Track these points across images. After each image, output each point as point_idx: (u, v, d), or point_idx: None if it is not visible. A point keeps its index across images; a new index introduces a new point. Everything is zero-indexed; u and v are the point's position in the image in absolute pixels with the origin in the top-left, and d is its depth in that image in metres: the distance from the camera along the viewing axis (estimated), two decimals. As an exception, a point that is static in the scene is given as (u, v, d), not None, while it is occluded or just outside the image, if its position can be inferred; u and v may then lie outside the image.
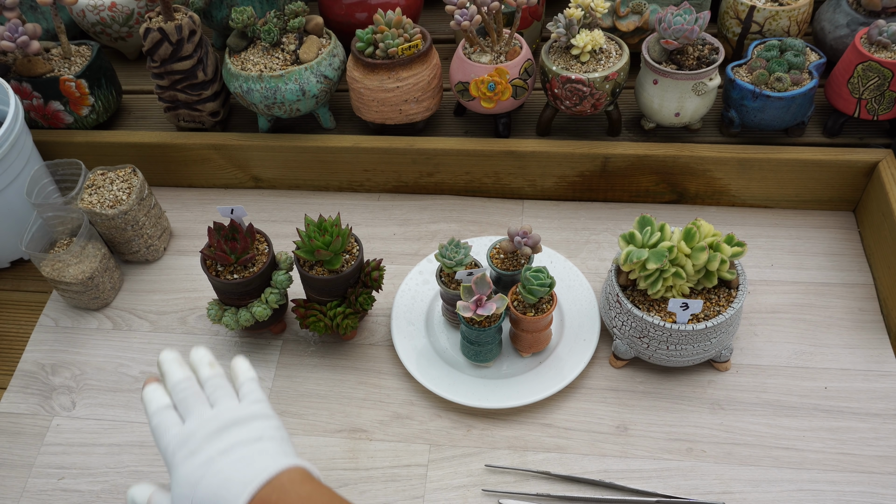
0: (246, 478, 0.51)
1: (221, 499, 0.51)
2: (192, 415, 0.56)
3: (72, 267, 0.92)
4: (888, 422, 0.81)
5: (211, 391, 0.58)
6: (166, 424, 0.56)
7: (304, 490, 0.51)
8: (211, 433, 0.54)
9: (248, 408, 0.57)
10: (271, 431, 0.56)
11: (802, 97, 0.93)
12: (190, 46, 1.00)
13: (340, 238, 0.81)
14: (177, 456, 0.54)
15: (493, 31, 0.95)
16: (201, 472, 0.52)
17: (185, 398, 0.57)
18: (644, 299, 0.80)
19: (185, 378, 0.59)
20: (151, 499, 0.56)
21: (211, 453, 0.53)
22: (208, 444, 0.54)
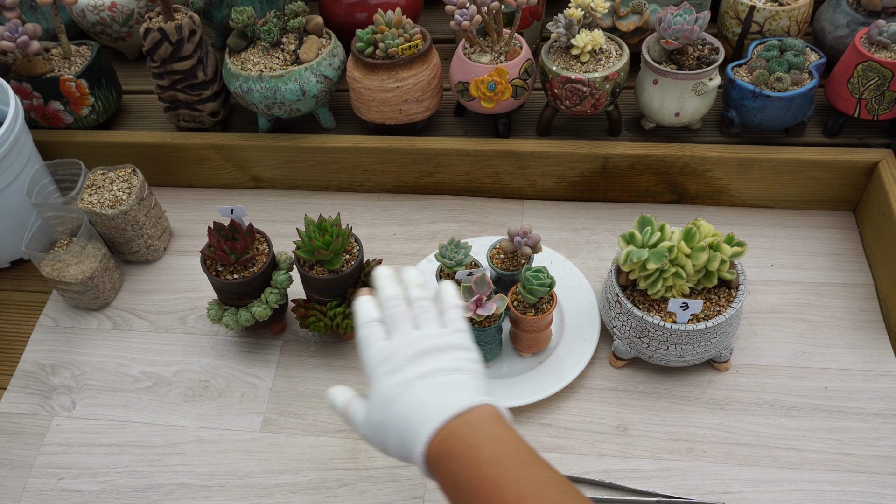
0: (439, 406, 0.52)
1: (413, 420, 0.52)
2: (397, 333, 0.58)
3: (72, 267, 0.92)
4: (888, 422, 0.81)
5: (417, 312, 0.59)
6: (372, 337, 0.58)
7: (493, 430, 0.51)
8: (412, 355, 0.56)
9: (450, 336, 0.58)
10: (469, 364, 0.56)
11: (802, 97, 0.93)
12: (190, 46, 1.00)
13: (340, 238, 0.81)
14: (377, 371, 0.56)
15: (493, 31, 0.95)
16: (398, 392, 0.54)
17: (392, 315, 0.59)
18: (644, 299, 0.80)
19: (395, 295, 0.60)
20: (349, 405, 0.58)
21: (409, 375, 0.54)
22: (409, 365, 0.55)
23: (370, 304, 0.61)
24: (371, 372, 0.57)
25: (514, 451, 0.51)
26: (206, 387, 0.89)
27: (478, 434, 0.51)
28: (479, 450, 0.50)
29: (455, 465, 0.50)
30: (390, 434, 0.54)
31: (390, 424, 0.54)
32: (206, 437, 0.84)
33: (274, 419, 0.85)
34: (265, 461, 0.82)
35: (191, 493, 0.80)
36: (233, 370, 0.90)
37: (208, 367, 0.91)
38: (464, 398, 0.53)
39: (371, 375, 0.57)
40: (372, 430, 0.56)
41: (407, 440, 0.53)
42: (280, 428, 0.84)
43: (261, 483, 0.80)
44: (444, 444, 0.51)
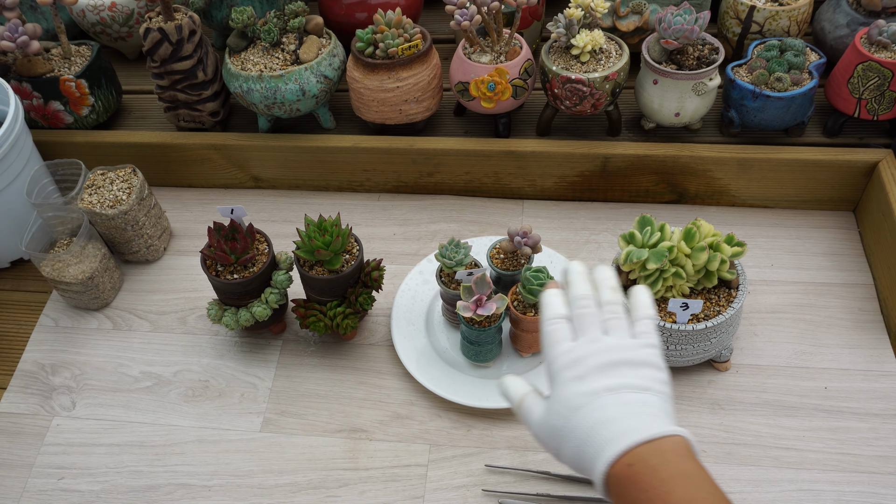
0: (627, 426, 0.50)
1: (597, 435, 0.50)
2: (585, 336, 0.55)
3: (72, 267, 0.92)
4: (888, 422, 0.81)
5: (608, 317, 0.57)
6: (558, 336, 0.56)
7: (686, 466, 0.48)
8: (601, 365, 0.53)
9: (642, 351, 0.55)
10: (659, 386, 0.54)
11: (802, 97, 0.93)
12: (190, 46, 1.00)
13: (340, 238, 0.81)
14: (563, 374, 0.54)
15: (493, 31, 0.95)
16: (584, 401, 0.52)
17: (582, 315, 0.56)
18: (644, 299, 0.80)
19: (586, 295, 0.57)
20: (525, 400, 0.57)
21: (597, 386, 0.52)
22: (597, 375, 0.53)
23: (558, 298, 0.58)
24: (555, 374, 0.55)
25: (708, 494, 0.47)
26: (206, 387, 0.89)
27: (670, 468, 0.48)
28: (671, 485, 0.47)
29: (642, 496, 0.47)
30: (569, 443, 0.52)
31: (570, 433, 0.52)
32: (206, 437, 0.84)
33: (274, 419, 0.85)
34: (265, 461, 0.82)
35: (191, 493, 0.80)
36: (233, 370, 0.90)
37: (208, 367, 0.91)
38: (656, 424, 0.50)
39: (555, 377, 0.55)
40: (548, 432, 0.54)
41: (587, 453, 0.51)
42: (280, 428, 0.85)
43: (261, 483, 0.80)
44: (631, 470, 0.48)
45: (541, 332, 0.57)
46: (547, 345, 0.56)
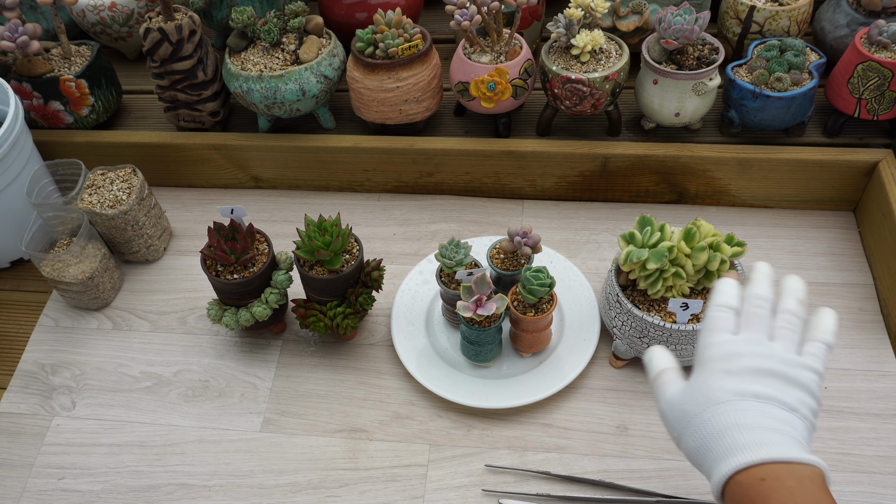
0: (767, 440, 0.48)
1: (731, 436, 0.48)
2: (750, 332, 0.53)
3: (72, 267, 0.92)
4: (888, 422, 0.81)
5: (781, 324, 0.54)
6: (720, 324, 0.54)
7: (822, 498, 0.48)
8: (756, 369, 0.51)
9: (803, 371, 0.53)
10: (808, 411, 0.52)
11: (802, 97, 0.93)
12: (190, 46, 1.00)
13: (340, 238, 0.81)
14: (714, 364, 0.52)
15: (493, 31, 0.95)
16: (726, 397, 0.50)
17: (753, 314, 0.54)
18: (644, 299, 0.80)
19: (765, 297, 0.56)
20: (665, 374, 0.55)
21: (745, 389, 0.50)
22: (749, 377, 0.51)
23: (733, 289, 0.56)
24: (705, 361, 0.52)
25: None
26: (206, 387, 0.89)
27: (806, 496, 0.47)
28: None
29: None
30: (696, 433, 0.50)
31: (701, 424, 0.50)
32: (206, 437, 0.84)
33: (274, 419, 0.85)
34: (265, 461, 0.82)
35: (191, 493, 0.80)
36: (233, 370, 0.90)
37: (208, 367, 0.91)
38: (797, 449, 0.48)
39: (703, 364, 0.52)
40: (677, 415, 0.52)
41: (714, 451, 0.49)
42: (280, 428, 0.85)
43: (261, 483, 0.80)
44: (763, 485, 0.47)
45: (704, 318, 0.55)
46: (706, 330, 0.54)
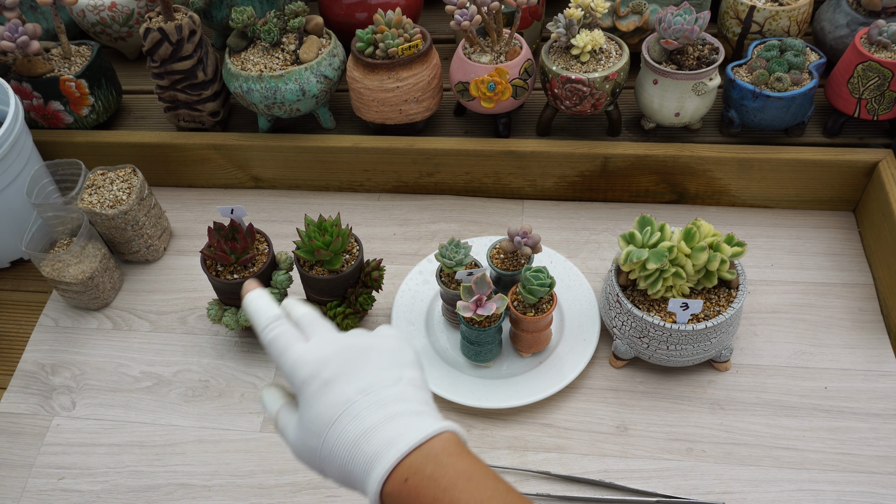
0: (391, 434, 0.45)
1: (360, 452, 0.45)
2: (316, 333, 0.49)
3: (72, 267, 0.92)
4: (888, 422, 0.81)
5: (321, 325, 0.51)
6: (287, 338, 0.49)
7: (462, 466, 0.44)
8: (346, 364, 0.48)
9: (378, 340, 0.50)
10: (410, 373, 0.49)
11: (802, 97, 0.93)
12: (190, 46, 1.00)
13: (340, 238, 0.81)
14: (309, 384, 0.47)
15: (493, 31, 0.95)
16: (336, 413, 0.46)
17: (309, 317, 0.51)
18: (644, 299, 0.80)
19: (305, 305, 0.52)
20: (279, 417, 0.50)
21: (348, 392, 0.46)
22: (344, 377, 0.47)
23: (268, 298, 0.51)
24: (299, 387, 0.48)
25: (494, 492, 0.44)
26: (206, 387, 0.89)
27: (448, 473, 0.44)
28: (454, 492, 0.43)
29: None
30: (331, 462, 0.47)
31: (330, 452, 0.46)
32: (206, 437, 0.84)
33: (274, 419, 0.85)
34: (265, 461, 0.82)
35: (191, 493, 0.80)
36: (233, 370, 0.90)
37: (208, 367, 0.91)
38: (419, 426, 0.45)
39: (300, 392, 0.48)
40: (307, 454, 0.48)
41: (354, 473, 0.45)
42: (280, 428, 0.84)
43: (261, 483, 0.80)
44: (408, 486, 0.44)
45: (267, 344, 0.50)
46: (277, 353, 0.49)
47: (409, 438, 0.45)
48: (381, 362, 0.48)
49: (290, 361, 0.48)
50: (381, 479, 0.44)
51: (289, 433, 0.49)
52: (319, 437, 0.47)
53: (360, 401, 0.46)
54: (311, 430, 0.47)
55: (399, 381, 0.48)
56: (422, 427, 0.45)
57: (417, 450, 0.44)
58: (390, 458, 0.44)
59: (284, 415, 0.50)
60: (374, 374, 0.48)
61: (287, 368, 0.48)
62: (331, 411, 0.46)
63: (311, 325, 0.51)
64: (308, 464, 0.49)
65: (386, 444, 0.45)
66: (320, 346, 0.49)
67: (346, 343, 0.49)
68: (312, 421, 0.47)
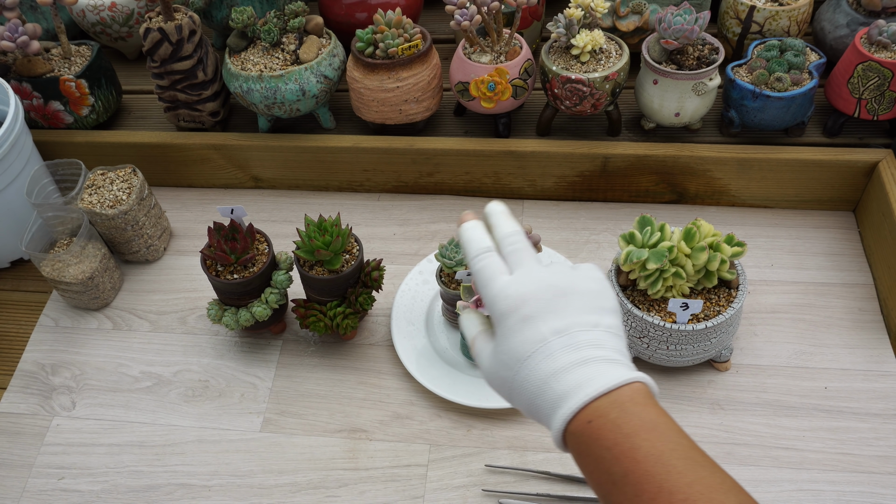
0: (581, 378, 0.46)
1: (550, 389, 0.46)
2: (523, 267, 0.50)
3: (72, 267, 0.92)
4: (888, 422, 0.81)
5: None
6: (492, 270, 0.50)
7: (648, 416, 0.45)
8: (547, 300, 0.48)
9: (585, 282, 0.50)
10: (609, 320, 0.49)
11: (802, 97, 0.93)
12: (190, 46, 1.00)
13: (340, 238, 0.81)
14: (508, 317, 0.48)
15: (493, 31, 0.95)
16: (531, 349, 0.47)
17: (515, 249, 0.51)
18: (644, 299, 0.80)
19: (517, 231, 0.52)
20: (476, 342, 0.52)
21: (543, 329, 0.47)
22: (543, 313, 0.48)
23: (482, 231, 0.52)
24: (500, 318, 0.49)
25: (676, 444, 0.45)
26: (206, 387, 0.89)
27: (632, 420, 0.44)
28: (636, 439, 0.44)
29: (607, 454, 0.44)
30: (520, 396, 0.48)
31: (521, 386, 0.48)
32: (206, 437, 0.84)
33: (274, 419, 0.85)
34: (265, 461, 0.82)
35: (191, 493, 0.80)
36: (233, 370, 0.90)
37: (208, 367, 0.91)
38: (610, 372, 0.46)
39: (499, 322, 0.49)
40: (498, 382, 0.50)
41: (541, 408, 0.47)
42: (280, 428, 0.84)
43: (261, 483, 0.80)
44: (591, 427, 0.45)
45: (473, 272, 0.52)
46: (482, 283, 0.51)
47: (598, 384, 0.45)
48: (580, 305, 0.49)
49: (493, 293, 0.50)
50: (566, 418, 0.45)
51: (483, 360, 0.51)
52: (512, 370, 0.48)
53: (555, 341, 0.47)
54: (505, 363, 0.49)
55: (596, 326, 0.48)
56: (612, 375, 0.46)
57: (605, 395, 0.45)
58: (577, 400, 0.45)
59: (481, 341, 0.52)
60: (571, 316, 0.48)
61: (489, 299, 0.50)
62: (525, 347, 0.48)
63: (516, 254, 0.51)
64: (498, 391, 0.51)
65: (575, 387, 0.46)
66: (523, 281, 0.49)
67: (549, 281, 0.49)
68: (507, 353, 0.49)
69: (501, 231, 0.52)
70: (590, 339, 0.48)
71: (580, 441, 0.46)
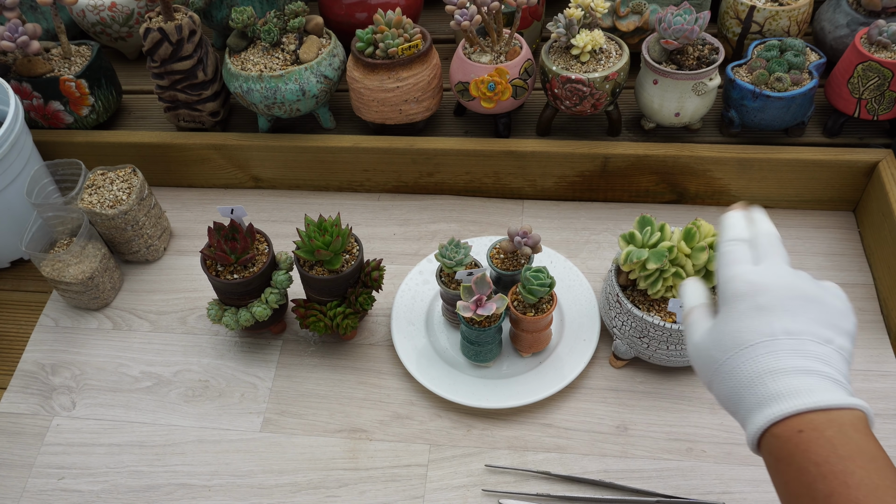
0: (803, 386, 0.44)
1: (764, 385, 0.45)
2: (771, 261, 0.50)
3: (72, 267, 0.92)
4: (888, 422, 0.81)
5: None
6: (738, 256, 0.50)
7: (867, 446, 0.43)
8: (788, 299, 0.47)
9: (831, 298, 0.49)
10: (842, 340, 0.48)
11: (802, 97, 0.93)
12: (190, 46, 1.00)
13: (340, 238, 0.81)
14: (740, 301, 0.48)
15: (493, 31, 0.95)
16: (756, 339, 0.46)
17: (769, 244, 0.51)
18: (644, 299, 0.80)
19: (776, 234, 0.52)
20: (692, 313, 0.52)
21: (775, 325, 0.46)
22: (780, 310, 0.47)
23: (743, 221, 0.52)
24: (730, 298, 0.48)
25: (893, 483, 0.42)
26: (206, 387, 0.89)
27: (849, 445, 0.43)
28: (850, 464, 0.42)
29: (814, 469, 0.42)
30: (725, 381, 0.47)
31: (731, 372, 0.46)
32: (206, 437, 0.84)
33: (274, 419, 0.85)
34: (265, 461, 0.82)
35: (191, 493, 0.80)
36: (233, 370, 0.90)
37: (208, 367, 0.91)
38: (833, 392, 0.44)
39: (728, 302, 0.48)
40: (705, 361, 0.49)
41: (747, 401, 0.45)
42: (280, 428, 0.85)
43: (261, 483, 0.80)
44: (801, 437, 0.43)
45: (718, 253, 0.51)
46: (723, 264, 0.50)
47: (818, 397, 0.44)
48: (818, 317, 0.47)
49: (731, 274, 0.49)
50: (773, 418, 0.44)
51: (695, 334, 0.50)
52: (727, 353, 0.47)
53: (784, 341, 0.46)
54: (721, 343, 0.47)
55: (829, 343, 0.47)
56: (836, 395, 0.44)
57: (823, 412, 0.44)
58: (792, 405, 0.43)
59: (698, 314, 0.51)
60: (807, 324, 0.47)
61: (724, 279, 0.49)
62: (750, 335, 0.46)
63: (767, 249, 0.51)
64: (699, 369, 0.49)
65: (792, 391, 0.44)
66: (767, 273, 0.49)
67: (793, 282, 0.48)
68: (727, 335, 0.47)
69: (763, 228, 0.52)
70: (819, 353, 0.46)
71: (784, 447, 0.44)
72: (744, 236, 0.51)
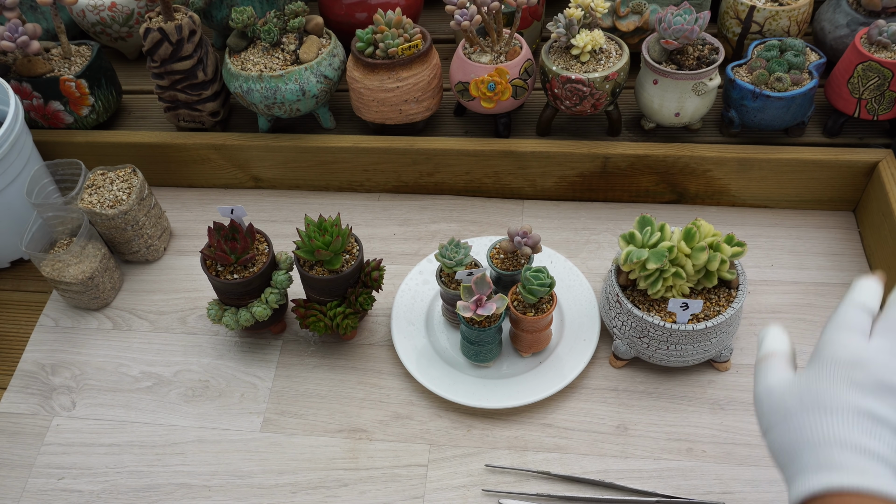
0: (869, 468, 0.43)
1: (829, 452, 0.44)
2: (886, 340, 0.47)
3: (72, 267, 0.92)
4: (888, 422, 0.80)
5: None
6: (854, 324, 0.49)
7: None
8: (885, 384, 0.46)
9: None
10: None
11: (802, 97, 0.93)
12: (190, 46, 1.00)
13: (340, 238, 0.81)
14: (836, 367, 0.47)
15: (493, 31, 0.95)
16: (838, 408, 0.45)
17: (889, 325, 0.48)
18: (644, 299, 0.80)
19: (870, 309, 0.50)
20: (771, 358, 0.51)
21: (863, 404, 0.45)
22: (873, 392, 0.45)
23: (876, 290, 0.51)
24: (827, 360, 0.47)
25: None
26: (206, 387, 0.89)
27: None
28: None
29: None
30: (790, 432, 0.46)
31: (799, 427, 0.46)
32: (206, 437, 0.84)
33: (274, 419, 0.85)
34: (265, 461, 0.82)
35: (191, 493, 0.80)
36: (233, 370, 0.90)
37: (208, 367, 0.91)
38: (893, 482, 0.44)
39: (823, 363, 0.47)
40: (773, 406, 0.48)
41: (805, 459, 0.45)
42: (280, 428, 0.85)
43: (261, 483, 0.80)
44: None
45: (836, 313, 0.50)
46: (835, 326, 0.49)
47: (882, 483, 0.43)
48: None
49: (838, 338, 0.48)
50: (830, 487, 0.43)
51: (770, 378, 0.49)
52: (803, 407, 0.46)
53: (866, 421, 0.45)
54: (800, 397, 0.47)
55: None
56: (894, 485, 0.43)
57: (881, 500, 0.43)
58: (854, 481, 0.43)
59: (779, 361, 0.50)
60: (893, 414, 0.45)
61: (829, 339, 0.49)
62: (834, 401, 0.46)
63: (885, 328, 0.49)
64: (765, 414, 0.48)
65: (857, 470, 0.43)
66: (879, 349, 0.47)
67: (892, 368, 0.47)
68: (810, 391, 0.46)
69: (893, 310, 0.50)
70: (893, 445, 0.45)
71: None
72: (870, 306, 0.50)
